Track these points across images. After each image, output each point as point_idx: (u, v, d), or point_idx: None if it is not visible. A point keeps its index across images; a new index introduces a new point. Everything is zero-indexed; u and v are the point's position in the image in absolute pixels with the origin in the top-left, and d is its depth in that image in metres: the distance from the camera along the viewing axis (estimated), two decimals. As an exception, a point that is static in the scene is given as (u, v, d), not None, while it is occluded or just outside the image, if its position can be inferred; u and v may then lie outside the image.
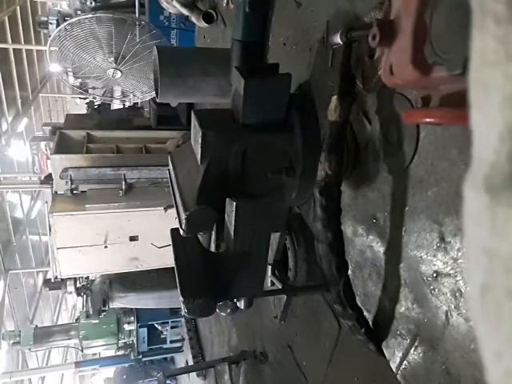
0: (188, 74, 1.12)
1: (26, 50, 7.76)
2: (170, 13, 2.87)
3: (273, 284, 1.64)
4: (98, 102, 5.32)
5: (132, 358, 5.83)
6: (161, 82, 1.07)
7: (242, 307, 1.13)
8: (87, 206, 3.58)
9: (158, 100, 1.20)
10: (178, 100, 2.23)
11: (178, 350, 6.00)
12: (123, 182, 3.69)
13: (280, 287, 1.59)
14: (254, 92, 0.80)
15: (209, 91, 1.17)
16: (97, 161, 3.65)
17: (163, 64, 1.07)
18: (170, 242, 1.16)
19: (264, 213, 0.90)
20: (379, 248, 0.81)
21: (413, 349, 0.74)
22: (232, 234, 0.90)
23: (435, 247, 0.66)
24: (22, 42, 7.58)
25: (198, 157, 0.82)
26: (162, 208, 3.57)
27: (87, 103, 6.02)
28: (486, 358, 0.20)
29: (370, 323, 0.83)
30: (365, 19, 0.81)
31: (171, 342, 5.96)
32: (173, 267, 1.11)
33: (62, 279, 5.45)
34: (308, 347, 2.66)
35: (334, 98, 0.78)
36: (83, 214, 3.56)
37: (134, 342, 5.67)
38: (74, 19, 2.91)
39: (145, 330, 5.72)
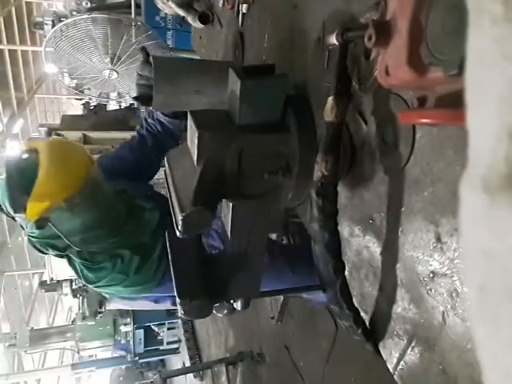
0: (182, 92, 1.13)
1: (22, 50, 7.71)
2: (166, 13, 2.86)
3: (270, 285, 1.64)
4: (94, 103, 5.30)
5: (128, 359, 5.81)
6: (154, 99, 1.10)
7: (239, 308, 1.12)
8: (83, 207, 3.56)
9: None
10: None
11: (175, 351, 5.99)
12: (119, 183, 3.67)
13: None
14: (251, 92, 0.80)
15: (200, 108, 1.20)
16: (93, 162, 3.62)
17: (159, 81, 1.08)
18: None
19: (261, 213, 0.90)
20: (376, 248, 0.81)
21: (410, 349, 0.74)
22: (229, 234, 0.90)
23: (431, 247, 0.66)
24: (18, 43, 7.53)
25: (194, 158, 0.81)
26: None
27: (83, 104, 6.00)
28: (484, 359, 0.20)
29: (367, 324, 0.83)
30: (361, 20, 0.81)
31: (168, 343, 5.94)
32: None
33: (58, 281, 5.43)
34: (305, 348, 2.66)
35: (330, 98, 0.78)
36: (79, 215, 3.54)
37: (131, 343, 5.64)
38: (69, 20, 2.89)
39: (141, 331, 5.70)
